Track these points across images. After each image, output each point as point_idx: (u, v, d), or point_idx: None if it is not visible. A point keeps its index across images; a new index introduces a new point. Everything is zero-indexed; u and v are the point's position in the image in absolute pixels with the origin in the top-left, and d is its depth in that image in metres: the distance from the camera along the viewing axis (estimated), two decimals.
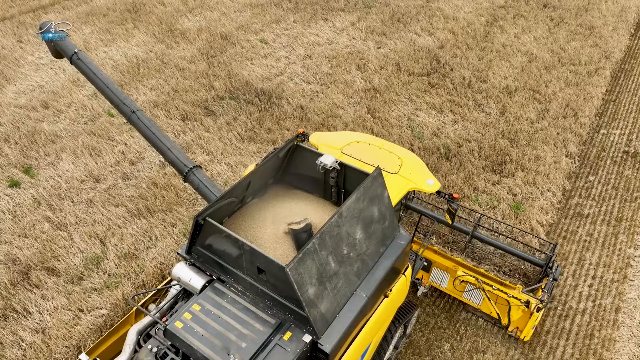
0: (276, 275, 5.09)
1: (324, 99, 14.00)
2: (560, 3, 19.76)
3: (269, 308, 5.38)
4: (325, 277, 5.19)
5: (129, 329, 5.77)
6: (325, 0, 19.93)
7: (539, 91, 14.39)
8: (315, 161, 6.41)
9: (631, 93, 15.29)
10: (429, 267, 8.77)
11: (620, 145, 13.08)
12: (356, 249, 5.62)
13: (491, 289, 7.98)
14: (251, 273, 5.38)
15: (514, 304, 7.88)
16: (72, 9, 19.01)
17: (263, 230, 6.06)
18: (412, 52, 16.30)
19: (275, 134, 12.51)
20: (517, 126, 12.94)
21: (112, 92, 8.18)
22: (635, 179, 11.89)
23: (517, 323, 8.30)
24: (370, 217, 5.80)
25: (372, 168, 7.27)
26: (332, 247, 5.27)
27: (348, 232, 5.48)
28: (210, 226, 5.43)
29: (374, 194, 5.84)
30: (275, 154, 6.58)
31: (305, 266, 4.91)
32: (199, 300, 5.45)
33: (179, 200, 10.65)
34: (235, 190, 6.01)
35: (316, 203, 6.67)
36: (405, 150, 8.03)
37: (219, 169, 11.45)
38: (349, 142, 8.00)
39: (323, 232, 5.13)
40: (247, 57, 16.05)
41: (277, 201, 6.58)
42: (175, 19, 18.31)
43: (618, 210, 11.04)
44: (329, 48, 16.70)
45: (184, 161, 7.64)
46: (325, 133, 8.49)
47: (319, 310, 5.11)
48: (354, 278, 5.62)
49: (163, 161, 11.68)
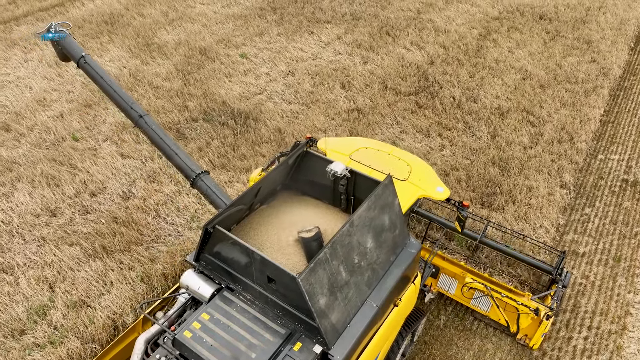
0: (287, 285, 5.08)
1: (304, 121, 13.17)
2: (556, 15, 18.94)
3: (279, 317, 5.39)
4: (337, 286, 5.18)
5: (136, 337, 5.74)
6: (312, 11, 19.10)
7: (532, 112, 13.55)
8: (324, 168, 6.34)
9: (630, 113, 14.47)
10: (437, 273, 8.66)
11: (619, 172, 12.25)
12: (367, 258, 5.62)
13: (500, 296, 7.87)
14: (261, 282, 5.38)
15: (522, 311, 7.75)
16: (45, 20, 18.17)
17: (272, 237, 6.02)
18: (400, 69, 15.46)
19: (249, 161, 11.67)
20: (508, 152, 12.11)
21: (120, 96, 8.22)
22: (635, 212, 11.06)
23: (526, 330, 8.11)
24: (381, 226, 5.82)
25: (381, 175, 7.15)
26: (344, 256, 5.27)
27: (359, 241, 5.48)
28: (220, 234, 5.41)
29: (385, 202, 5.83)
30: (285, 160, 6.49)
31: (317, 276, 4.90)
32: (208, 309, 5.46)
33: (139, 238, 9.80)
34: (245, 198, 5.98)
35: (325, 210, 6.65)
36: (414, 157, 7.97)
37: (186, 201, 10.62)
38: (358, 148, 7.93)
39: (335, 241, 5.12)
40: (226, 73, 15.22)
41: (286, 208, 6.55)
42: (154, 32, 17.48)
43: (616, 249, 10.21)
44: (313, 64, 15.86)
45: (191, 166, 7.64)
46: (333, 138, 8.41)
47: (330, 321, 5.10)
48: (365, 287, 5.61)
49: (126, 192, 10.86)
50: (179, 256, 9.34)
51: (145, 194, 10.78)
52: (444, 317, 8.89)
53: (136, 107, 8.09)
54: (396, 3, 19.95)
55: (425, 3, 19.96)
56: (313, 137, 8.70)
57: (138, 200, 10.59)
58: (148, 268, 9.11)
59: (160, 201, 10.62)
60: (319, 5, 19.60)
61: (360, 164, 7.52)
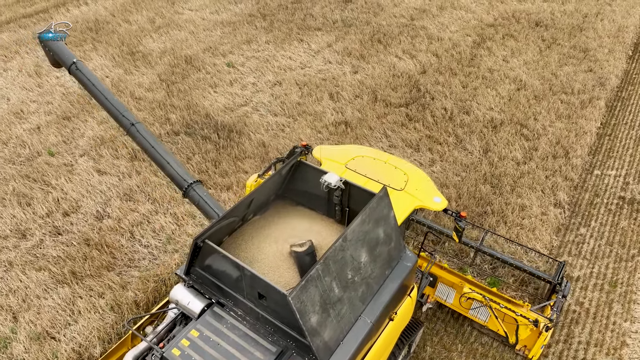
0: (277, 302, 4.96)
1: (289, 134, 12.70)
2: (553, 22, 18.48)
3: (270, 334, 5.25)
4: (329, 303, 5.05)
5: (125, 352, 5.66)
6: (302, 18, 18.64)
7: (527, 125, 13.09)
8: (318, 179, 6.23)
9: (628, 126, 14.01)
10: (435, 282, 8.53)
11: (615, 189, 11.79)
12: (361, 273, 5.47)
13: (498, 307, 7.70)
14: (252, 297, 5.26)
15: (521, 322, 7.58)
16: (28, 28, 17.71)
17: (264, 250, 5.90)
18: (391, 79, 15.00)
19: (231, 179, 11.20)
20: (501, 168, 11.65)
21: (112, 103, 8.15)
22: (632, 232, 10.60)
23: (525, 342, 7.94)
24: (376, 239, 5.68)
25: (377, 185, 7.04)
26: (336, 272, 5.13)
27: (352, 256, 5.34)
28: (210, 249, 5.29)
29: (380, 215, 5.68)
30: (278, 170, 6.37)
31: (308, 294, 4.77)
32: (197, 326, 5.33)
33: (111, 262, 9.34)
34: (237, 210, 5.85)
35: (320, 221, 6.50)
36: (411, 166, 7.83)
37: (162, 222, 10.14)
38: (354, 156, 7.76)
39: (327, 257, 5.00)
40: (211, 83, 14.76)
41: (280, 219, 6.44)
42: (139, 40, 17.01)
43: (612, 272, 9.75)
44: (302, 73, 15.40)
45: (183, 176, 7.57)
46: (329, 147, 8.30)
47: (322, 339, 4.97)
48: (359, 303, 5.47)
49: (101, 212, 10.40)
50: (151, 282, 8.87)
51: (120, 213, 10.31)
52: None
53: (128, 115, 8.05)
54: (389, 9, 19.50)
55: (419, 9, 19.51)
56: (308, 144, 8.59)
57: (112, 221, 10.12)
58: (119, 295, 8.64)
59: (135, 221, 10.15)
60: (309, 12, 19.14)
61: (356, 173, 7.38)
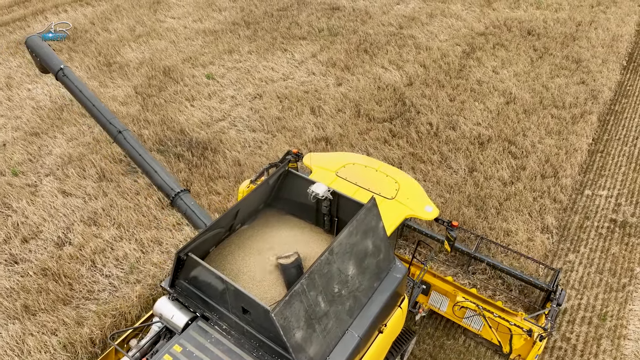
0: (261, 317, 4.90)
1: (267, 152, 12.15)
2: (545, 30, 17.94)
3: (255, 349, 5.14)
4: (314, 318, 4.96)
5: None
6: (287, 26, 18.10)
7: (515, 142, 12.54)
8: (307, 188, 6.14)
9: (621, 141, 13.47)
10: (428, 290, 8.42)
11: (607, 210, 11.24)
12: (348, 286, 5.37)
13: (492, 316, 7.62)
14: (236, 311, 5.19)
15: (515, 332, 7.45)
16: (4, 37, 17.16)
17: (251, 262, 5.80)
18: (376, 92, 14.46)
19: (202, 200, 10.64)
20: (486, 189, 11.09)
21: (99, 110, 8.16)
22: (622, 259, 10.06)
23: (520, 351, 7.78)
24: (364, 251, 5.58)
25: (367, 194, 6.97)
26: (322, 286, 5.03)
27: (340, 269, 5.25)
28: (193, 262, 5.22)
29: (368, 226, 5.58)
30: (265, 180, 6.31)
31: (293, 309, 4.69)
32: (180, 341, 5.23)
33: (69, 294, 8.77)
34: (223, 221, 5.77)
35: (308, 231, 6.38)
36: (402, 174, 7.72)
37: (126, 249, 9.58)
38: (344, 164, 7.65)
39: (312, 271, 4.90)
40: (189, 96, 14.20)
41: (267, 228, 6.35)
42: (117, 49, 16.46)
43: (602, 304, 9.20)
44: (283, 85, 14.85)
45: (171, 185, 7.61)
46: (320, 154, 8.20)
47: (307, 355, 4.89)
48: (346, 317, 5.38)
49: (62, 238, 9.84)
50: (109, 317, 8.32)
51: (82, 239, 9.75)
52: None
53: (115, 123, 8.07)
54: (377, 17, 18.97)
55: (408, 17, 18.98)
56: (300, 151, 8.50)
57: (73, 248, 9.57)
58: (73, 333, 8.08)
59: (98, 248, 9.59)
60: (295, 19, 18.61)
61: (347, 181, 7.28)
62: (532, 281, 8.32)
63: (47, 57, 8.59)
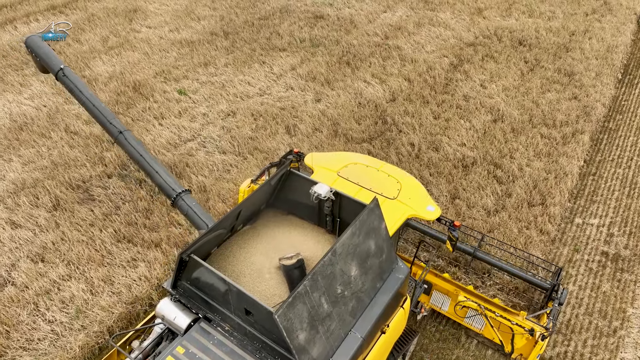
0: (264, 319, 4.93)
1: (235, 176, 11.37)
2: (537, 41, 17.16)
3: (258, 351, 5.18)
4: (317, 319, 4.98)
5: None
6: (268, 37, 17.30)
7: (501, 166, 11.76)
8: (308, 189, 6.14)
9: (614, 162, 12.70)
10: (430, 290, 8.42)
11: (598, 241, 10.47)
12: (351, 287, 5.41)
13: (494, 315, 7.65)
14: (239, 312, 5.20)
15: (517, 331, 7.48)
16: None
17: (253, 262, 5.80)
18: (356, 109, 13.69)
19: (161, 233, 9.86)
20: (468, 220, 10.32)
21: (99, 110, 8.20)
22: (615, 298, 9.29)
23: (522, 350, 7.76)
24: (367, 252, 5.60)
25: (369, 194, 7.00)
26: (325, 287, 5.05)
27: (342, 270, 5.28)
28: (195, 264, 5.26)
29: (371, 227, 5.61)
30: (267, 181, 6.30)
31: (296, 311, 4.71)
32: (183, 342, 5.28)
33: (4, 344, 7.98)
34: (225, 222, 5.78)
35: (310, 231, 6.42)
36: (404, 173, 7.74)
37: (74, 290, 8.80)
38: (346, 163, 7.69)
39: (315, 272, 4.92)
40: (158, 114, 13.42)
41: (269, 229, 6.37)
42: (87, 62, 15.66)
43: (590, 352, 8.43)
44: (259, 101, 14.07)
45: (172, 185, 7.72)
46: (321, 154, 8.24)
47: (310, 356, 4.91)
48: (349, 318, 5.41)
49: (5, 277, 9.04)
50: None
51: (26, 279, 8.97)
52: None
53: (116, 123, 8.11)
54: (362, 26, 18.18)
55: (395, 26, 18.19)
56: (301, 151, 8.44)
57: (16, 289, 8.80)
58: None
59: (42, 289, 8.81)
60: (276, 29, 17.82)
61: (348, 181, 7.29)
62: (534, 280, 8.41)
63: (47, 57, 8.66)
